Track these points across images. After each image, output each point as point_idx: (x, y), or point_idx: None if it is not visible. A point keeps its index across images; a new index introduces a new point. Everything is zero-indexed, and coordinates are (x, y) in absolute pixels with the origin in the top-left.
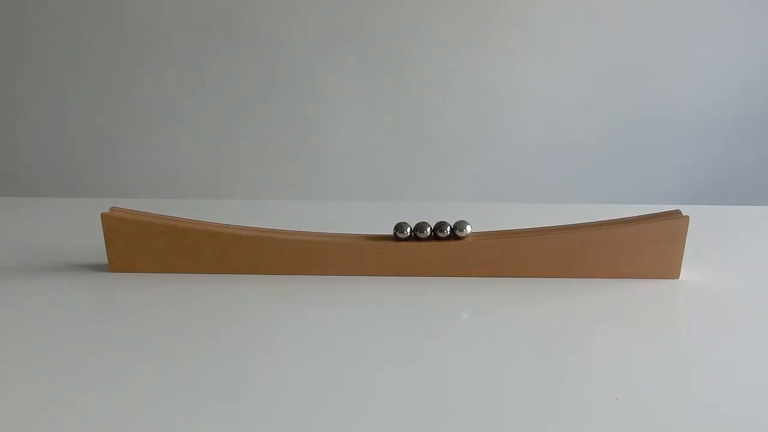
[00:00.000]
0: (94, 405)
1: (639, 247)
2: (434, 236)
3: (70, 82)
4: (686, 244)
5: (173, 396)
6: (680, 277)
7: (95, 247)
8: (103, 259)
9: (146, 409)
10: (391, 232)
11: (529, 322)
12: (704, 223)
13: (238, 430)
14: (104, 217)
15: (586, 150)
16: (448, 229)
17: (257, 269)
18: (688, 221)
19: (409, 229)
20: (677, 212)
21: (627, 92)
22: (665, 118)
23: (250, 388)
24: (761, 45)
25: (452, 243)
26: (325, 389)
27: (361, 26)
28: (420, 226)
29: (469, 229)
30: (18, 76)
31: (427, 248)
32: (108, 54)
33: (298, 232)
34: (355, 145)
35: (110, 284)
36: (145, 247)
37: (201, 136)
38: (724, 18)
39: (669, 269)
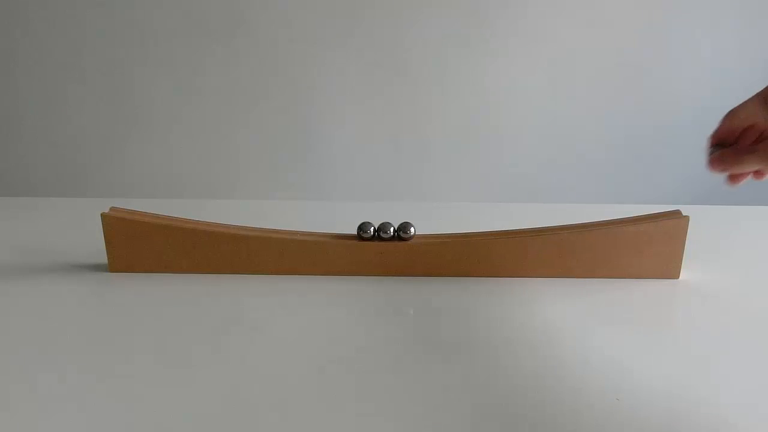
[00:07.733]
0: (95, 403)
1: (639, 247)
2: (397, 236)
3: (70, 82)
4: (686, 244)
5: (173, 394)
6: (680, 277)
7: (95, 247)
8: (103, 259)
9: (146, 407)
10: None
11: (529, 322)
12: (704, 223)
13: (237, 428)
14: (104, 217)
15: (586, 150)
16: (412, 230)
17: (257, 269)
18: (688, 221)
19: (373, 229)
20: (677, 212)
21: (627, 92)
22: (665, 118)
23: (249, 387)
24: (762, 45)
25: (454, 242)
26: (324, 387)
27: (360, 26)
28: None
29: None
30: (18, 76)
31: (427, 247)
32: (108, 54)
33: (298, 232)
34: (355, 145)
35: (110, 284)
36: (145, 247)
37: (200, 137)
38: (726, 19)
39: (669, 269)
